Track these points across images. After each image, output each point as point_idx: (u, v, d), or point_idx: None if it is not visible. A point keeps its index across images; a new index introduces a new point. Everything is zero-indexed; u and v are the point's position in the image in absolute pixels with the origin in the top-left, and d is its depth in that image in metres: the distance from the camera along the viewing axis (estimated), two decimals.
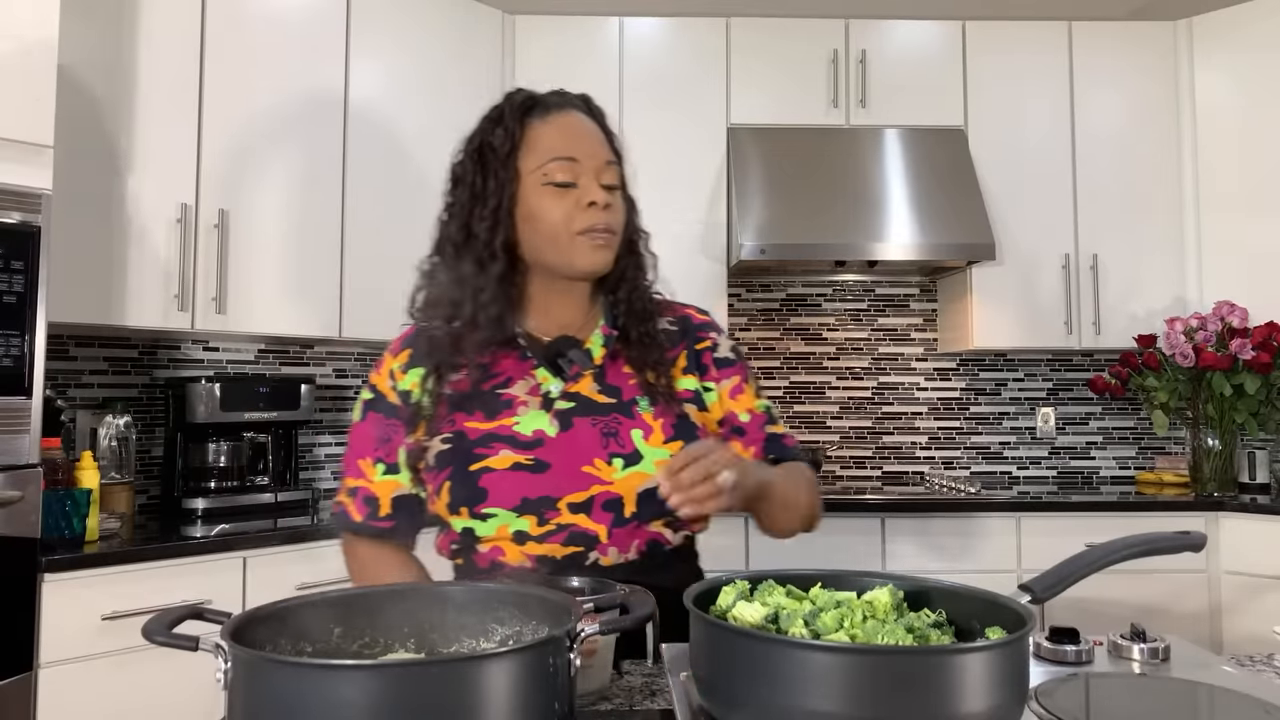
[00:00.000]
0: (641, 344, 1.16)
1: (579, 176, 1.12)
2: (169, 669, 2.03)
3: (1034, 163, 3.31)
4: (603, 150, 1.15)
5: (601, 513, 1.09)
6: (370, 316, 2.86)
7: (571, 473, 1.08)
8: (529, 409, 1.12)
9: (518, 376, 1.14)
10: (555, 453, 1.09)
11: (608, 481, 1.08)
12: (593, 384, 1.14)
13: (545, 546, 1.08)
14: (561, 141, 1.13)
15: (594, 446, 1.10)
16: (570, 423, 1.11)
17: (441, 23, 3.09)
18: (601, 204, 1.11)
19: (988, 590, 0.79)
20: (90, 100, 2.30)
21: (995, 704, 0.65)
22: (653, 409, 1.13)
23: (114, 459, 2.44)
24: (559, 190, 1.11)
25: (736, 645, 0.69)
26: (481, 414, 1.12)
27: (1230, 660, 1.01)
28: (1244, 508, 2.86)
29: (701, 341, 1.22)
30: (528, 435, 1.10)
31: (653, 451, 1.10)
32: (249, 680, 0.64)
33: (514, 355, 1.15)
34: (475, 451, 1.09)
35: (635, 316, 1.17)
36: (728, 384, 1.21)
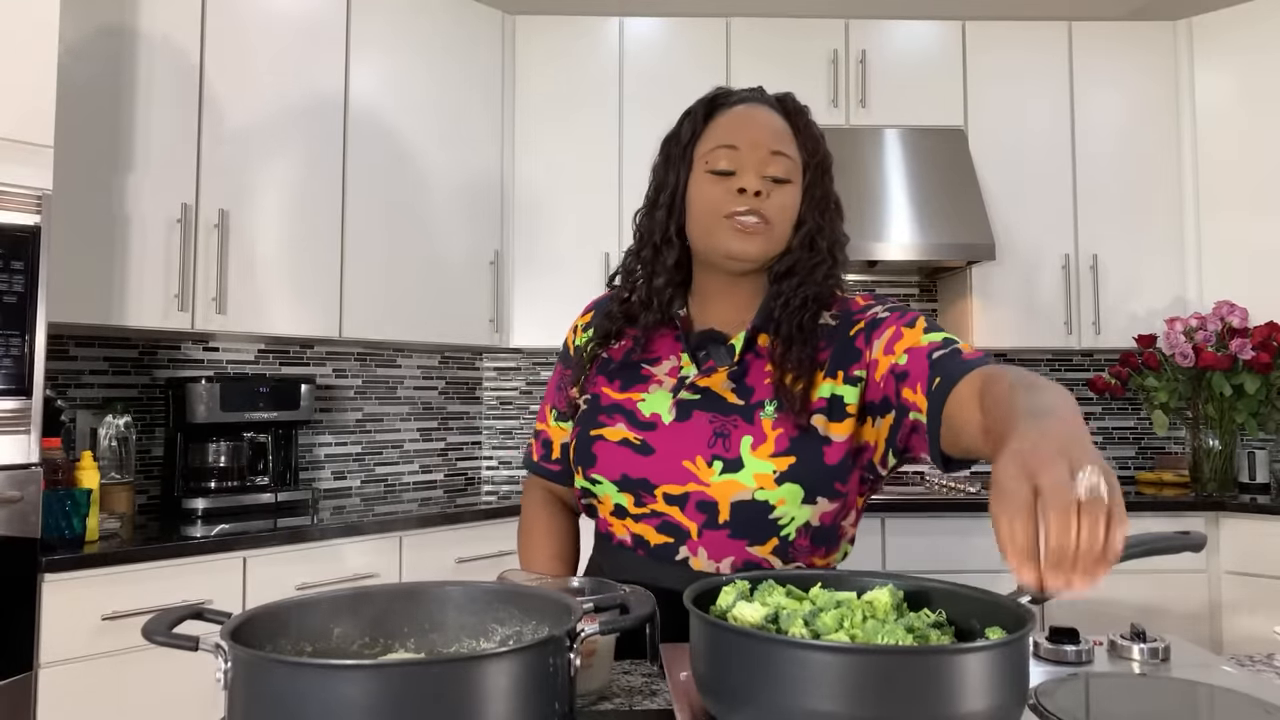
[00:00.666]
0: (788, 341, 1.09)
1: (739, 164, 1.10)
2: (169, 669, 2.03)
3: (1034, 163, 3.31)
4: (771, 140, 1.11)
5: (695, 511, 1.08)
6: (370, 316, 2.87)
7: (672, 464, 1.08)
8: (660, 389, 1.13)
9: (665, 356, 1.16)
10: (663, 439, 1.10)
11: (704, 483, 1.07)
12: (727, 381, 1.11)
13: (641, 526, 1.11)
14: (729, 130, 1.13)
15: (700, 444, 1.08)
16: (689, 414, 1.10)
17: (442, 23, 3.09)
18: (751, 191, 1.08)
19: (987, 590, 0.79)
20: (90, 100, 2.30)
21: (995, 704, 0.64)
22: (776, 415, 1.07)
23: (114, 459, 2.44)
24: (718, 177, 1.11)
25: (736, 645, 0.69)
26: (620, 383, 1.16)
27: (1230, 660, 1.01)
28: (1244, 508, 2.86)
29: (856, 325, 1.11)
30: (645, 416, 1.12)
31: (755, 463, 1.05)
32: (249, 680, 0.64)
33: (671, 336, 1.17)
34: (599, 418, 1.14)
35: (791, 312, 1.10)
36: (880, 343, 1.06)
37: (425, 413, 3.42)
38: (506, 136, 3.27)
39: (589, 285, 3.18)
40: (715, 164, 1.11)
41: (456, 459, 3.52)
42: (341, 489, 3.17)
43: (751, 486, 1.05)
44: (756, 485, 1.05)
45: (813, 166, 1.13)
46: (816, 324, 1.11)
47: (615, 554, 1.15)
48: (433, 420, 3.44)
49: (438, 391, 3.46)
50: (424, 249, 3.01)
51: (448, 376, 3.49)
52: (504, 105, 3.27)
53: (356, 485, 3.21)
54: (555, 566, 1.26)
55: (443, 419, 3.48)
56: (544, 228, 3.27)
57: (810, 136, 1.15)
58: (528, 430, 3.57)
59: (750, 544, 1.07)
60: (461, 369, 3.53)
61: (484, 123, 3.21)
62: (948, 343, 1.00)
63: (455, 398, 3.51)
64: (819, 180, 1.14)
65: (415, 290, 2.98)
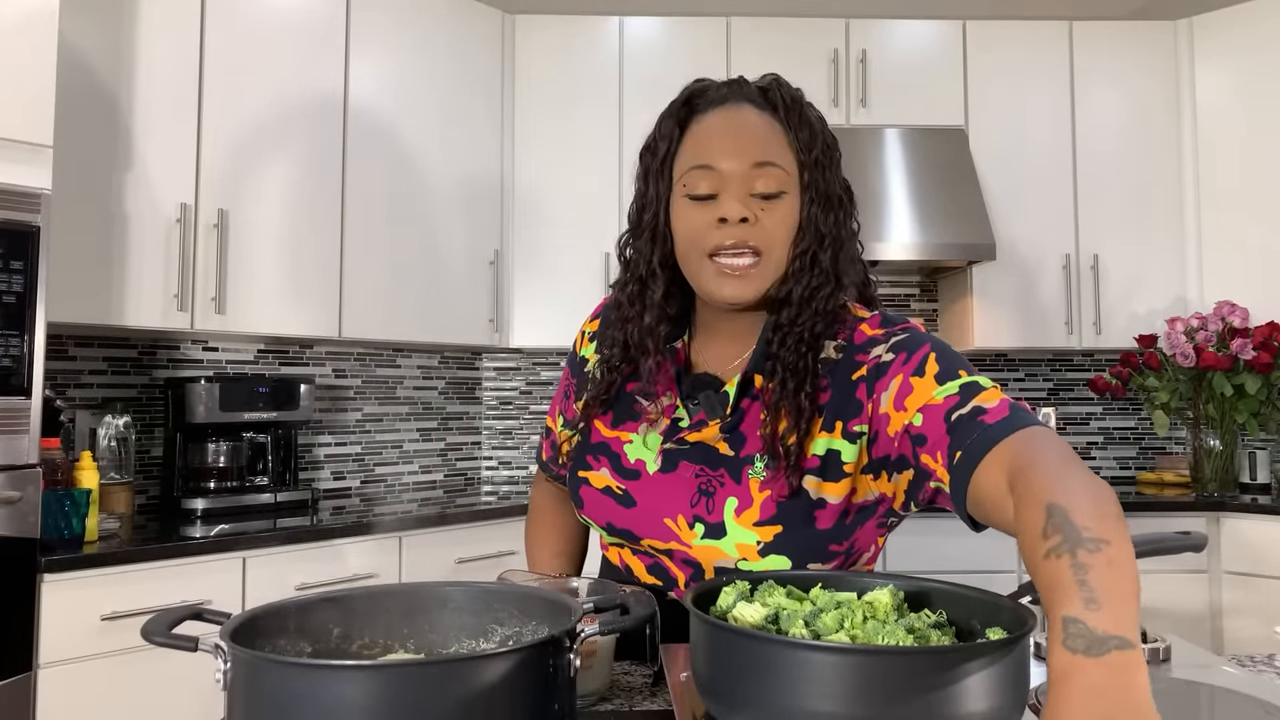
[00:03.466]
0: (783, 386, 0.96)
1: (720, 187, 0.95)
2: (169, 669, 2.03)
3: (1034, 162, 3.31)
4: (754, 151, 0.95)
5: (681, 565, 1.03)
6: (370, 316, 2.87)
7: (654, 520, 1.02)
8: (650, 430, 1.04)
9: (663, 391, 1.04)
10: (645, 492, 1.02)
11: (685, 544, 1.00)
12: (718, 433, 1.00)
13: (634, 560, 1.08)
14: (706, 146, 0.97)
15: (682, 502, 1.00)
16: (674, 465, 1.01)
17: (441, 22, 3.09)
18: (735, 219, 0.93)
19: (988, 590, 0.79)
20: (90, 100, 2.29)
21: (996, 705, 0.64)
22: (765, 474, 0.97)
23: (113, 459, 2.44)
24: (699, 203, 0.96)
25: (736, 645, 0.69)
26: (612, 416, 1.08)
27: (1230, 660, 1.01)
28: (1245, 508, 2.85)
29: (857, 369, 0.98)
30: (630, 462, 1.04)
31: (738, 531, 0.96)
32: (249, 680, 0.64)
33: (669, 368, 1.04)
34: (587, 458, 1.09)
35: (788, 350, 0.96)
36: (888, 396, 0.93)
37: (425, 413, 3.42)
38: (506, 136, 3.27)
39: (589, 285, 3.18)
40: (694, 188, 0.96)
41: (456, 459, 3.52)
42: (341, 489, 3.16)
43: (734, 557, 0.96)
44: (739, 555, 0.96)
45: (809, 164, 0.97)
46: (817, 363, 0.98)
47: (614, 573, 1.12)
48: (432, 420, 3.44)
49: (437, 391, 3.46)
50: (424, 249, 3.01)
51: (447, 376, 3.49)
52: (504, 105, 3.27)
53: (356, 485, 3.21)
54: (560, 563, 1.25)
55: (442, 419, 3.47)
56: (544, 228, 3.27)
57: (805, 129, 0.98)
58: (528, 430, 3.57)
59: None
60: (461, 369, 3.53)
61: (484, 122, 3.21)
62: (964, 393, 0.87)
63: (455, 398, 3.51)
64: (820, 178, 0.98)
65: (415, 290, 2.98)
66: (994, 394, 0.86)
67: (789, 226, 0.97)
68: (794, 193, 0.97)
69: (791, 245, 0.97)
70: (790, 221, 0.97)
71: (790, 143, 0.98)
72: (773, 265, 0.96)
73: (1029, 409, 0.85)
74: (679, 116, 1.01)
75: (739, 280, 0.95)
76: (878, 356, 0.97)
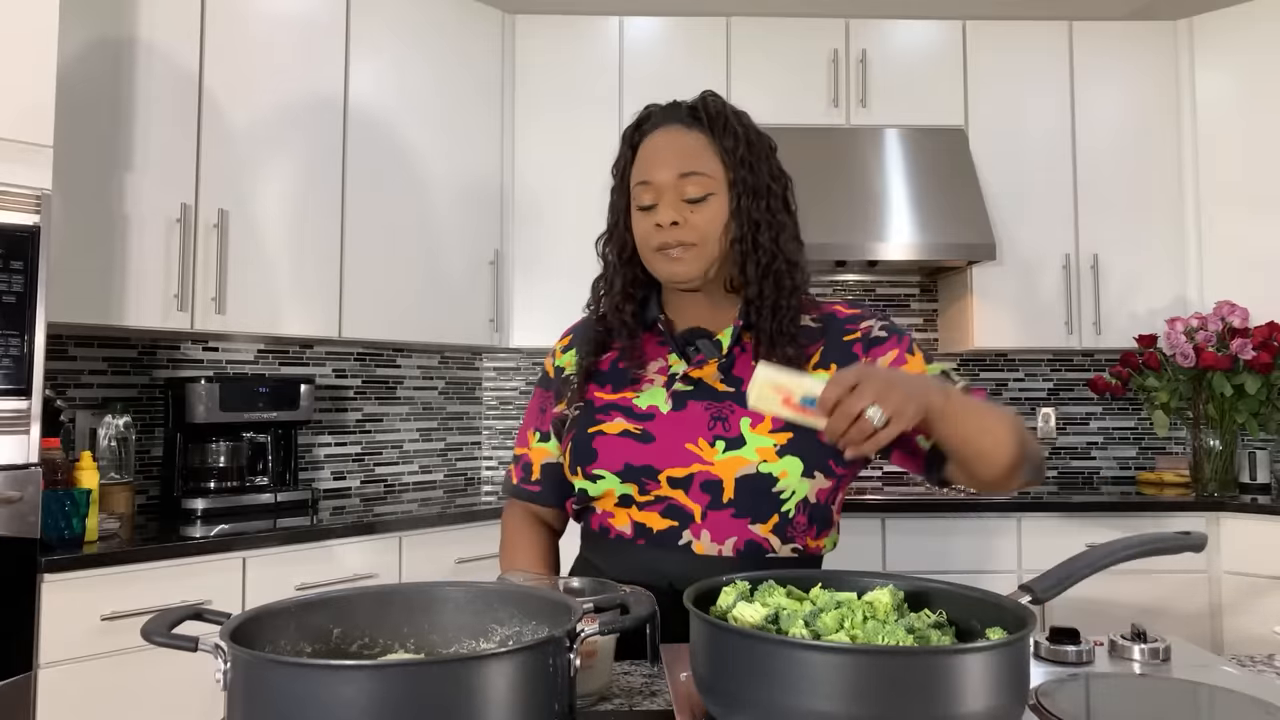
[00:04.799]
0: (772, 339, 1.15)
1: (656, 197, 1.17)
2: (169, 669, 2.03)
3: (1034, 163, 3.31)
4: (680, 162, 1.17)
5: (699, 492, 1.12)
6: (370, 316, 2.87)
7: (674, 448, 1.13)
8: (652, 386, 1.19)
9: (652, 358, 1.22)
10: (663, 427, 1.14)
11: (708, 462, 1.11)
12: (717, 373, 1.18)
13: (645, 514, 1.15)
14: (644, 165, 1.20)
15: (700, 427, 1.13)
16: (684, 404, 1.16)
17: (441, 22, 3.09)
18: (666, 223, 1.15)
19: (988, 590, 0.79)
20: (90, 100, 2.29)
21: (996, 705, 0.64)
22: None
23: (113, 459, 2.44)
24: (644, 212, 1.19)
25: (736, 645, 0.69)
26: (611, 386, 1.21)
27: (1230, 660, 1.01)
28: (1245, 508, 2.85)
29: (850, 333, 1.19)
30: (642, 408, 1.17)
31: (756, 438, 1.11)
32: (249, 680, 0.64)
33: (655, 339, 1.23)
34: (596, 417, 1.18)
35: (771, 312, 1.16)
36: (884, 360, 1.16)
37: (425, 413, 3.42)
38: (506, 136, 3.27)
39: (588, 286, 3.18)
40: (640, 200, 1.19)
41: (456, 459, 3.52)
42: (341, 489, 3.16)
43: (755, 460, 1.10)
44: (760, 458, 1.10)
45: (735, 164, 1.17)
46: (798, 326, 1.17)
47: (613, 548, 1.17)
48: (432, 420, 3.44)
49: (437, 391, 3.46)
50: (424, 249, 3.01)
51: (447, 376, 3.49)
52: (504, 105, 3.27)
53: (356, 485, 3.21)
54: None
55: (442, 419, 3.48)
56: (544, 228, 3.27)
57: (729, 135, 1.18)
58: None
59: (753, 522, 1.11)
60: (461, 369, 3.53)
61: (484, 122, 3.21)
62: (946, 376, 1.14)
63: (455, 398, 3.51)
64: (747, 173, 1.17)
65: (415, 290, 2.98)
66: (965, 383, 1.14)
67: (719, 221, 1.16)
68: (722, 192, 1.17)
69: (725, 234, 1.16)
70: (719, 217, 1.16)
71: (716, 150, 1.18)
72: (708, 251, 1.16)
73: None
74: (631, 140, 1.24)
75: (679, 263, 1.16)
76: (869, 328, 1.19)
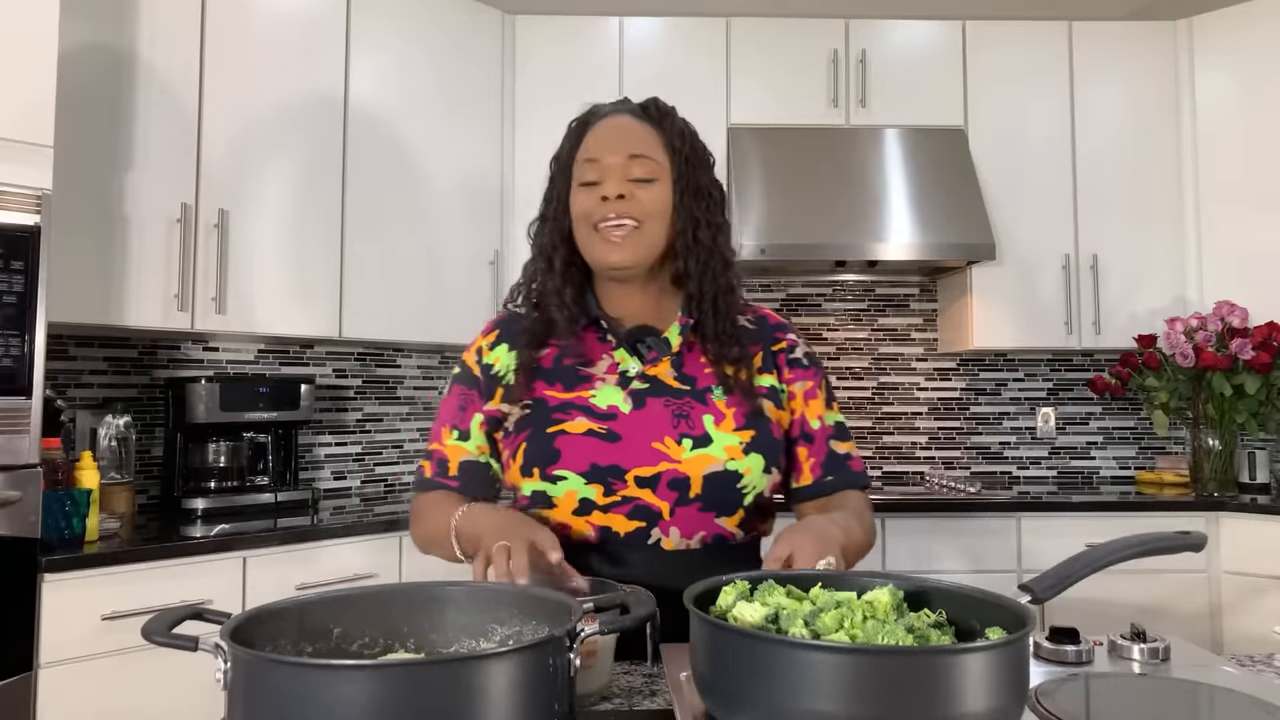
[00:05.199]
0: (719, 338, 1.18)
1: (602, 174, 1.17)
2: (169, 669, 2.03)
3: (1034, 163, 3.31)
4: (630, 143, 1.18)
5: (667, 490, 1.12)
6: (370, 316, 2.87)
7: (642, 447, 1.13)
8: (606, 384, 1.17)
9: (597, 357, 1.20)
10: (627, 426, 1.14)
11: (675, 460, 1.12)
12: (670, 369, 1.19)
13: (609, 517, 1.13)
14: (593, 144, 1.20)
15: (665, 425, 1.14)
16: (644, 402, 1.16)
17: (442, 22, 3.09)
18: (613, 196, 1.15)
19: (988, 590, 0.79)
20: (90, 100, 2.30)
21: (995, 705, 0.64)
22: (726, 398, 1.17)
23: (114, 459, 2.44)
24: (587, 188, 1.18)
25: (736, 645, 0.69)
26: (561, 385, 1.18)
27: (1230, 660, 1.01)
28: (1244, 508, 2.86)
29: (778, 342, 1.25)
30: (602, 408, 1.16)
31: (722, 436, 1.14)
32: (249, 680, 0.64)
33: (594, 337, 1.22)
34: (554, 416, 1.16)
35: (711, 310, 1.19)
36: (800, 387, 1.23)
37: (425, 413, 3.42)
38: (506, 136, 3.27)
39: None
40: (583, 176, 1.18)
41: None
42: (341, 489, 3.17)
43: (723, 458, 1.13)
44: (727, 456, 1.13)
45: (680, 160, 1.18)
46: (737, 326, 1.21)
47: (576, 552, 1.11)
48: (432, 420, 3.44)
49: (438, 391, 3.46)
50: (424, 249, 3.01)
51: (448, 376, 3.48)
52: (504, 105, 3.27)
53: (356, 485, 3.21)
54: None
55: None
56: None
57: (674, 134, 1.20)
58: None
59: (719, 515, 1.14)
60: None
61: (484, 122, 3.21)
62: (838, 430, 1.25)
63: None
64: (690, 173, 1.19)
65: (415, 290, 2.98)
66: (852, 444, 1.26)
67: (663, 205, 1.17)
68: (666, 181, 1.18)
69: (669, 225, 1.18)
70: (663, 201, 1.17)
71: (664, 143, 1.20)
72: (649, 236, 1.17)
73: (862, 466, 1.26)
74: (578, 131, 1.24)
75: (619, 246, 1.15)
76: (794, 343, 1.26)
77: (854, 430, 3.56)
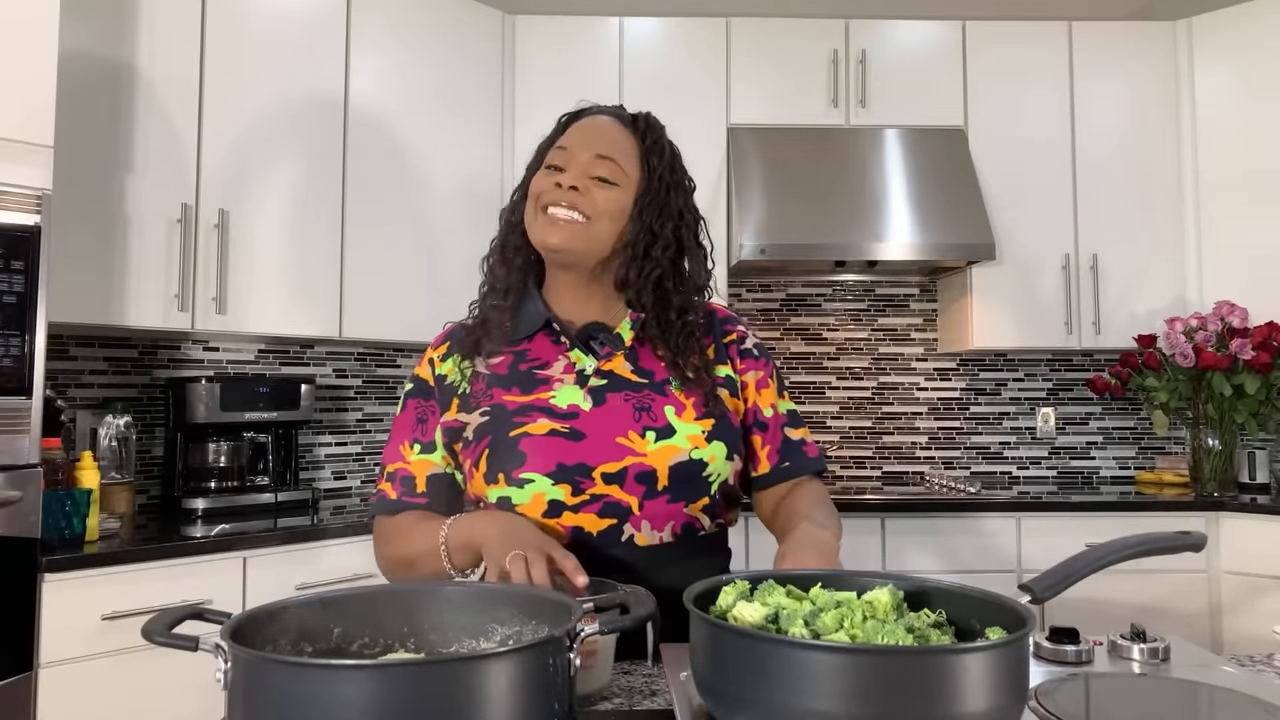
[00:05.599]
0: (669, 331, 1.19)
1: (567, 162, 1.18)
2: (169, 669, 2.03)
3: (1034, 163, 3.31)
4: (601, 145, 1.18)
5: (634, 484, 1.12)
6: (370, 316, 2.87)
7: (606, 443, 1.12)
8: (564, 385, 1.17)
9: (552, 359, 1.20)
10: (590, 424, 1.13)
11: (641, 453, 1.12)
12: (625, 363, 1.19)
13: (580, 517, 1.11)
14: (569, 136, 1.21)
15: (627, 419, 1.14)
16: (603, 398, 1.16)
17: (441, 23, 3.09)
18: (567, 185, 1.15)
19: (988, 590, 0.79)
20: (90, 100, 2.30)
21: (995, 704, 0.64)
22: (684, 389, 1.18)
23: (114, 459, 2.44)
24: (549, 172, 1.19)
25: (736, 645, 0.69)
26: (519, 389, 1.17)
27: (1230, 660, 1.01)
28: (1244, 508, 2.86)
29: (728, 334, 1.27)
30: (563, 408, 1.15)
31: (685, 426, 1.15)
32: (249, 680, 0.64)
33: (547, 339, 1.21)
34: (514, 419, 1.14)
35: (658, 306, 1.20)
36: (752, 376, 1.25)
37: None
38: (506, 136, 3.27)
39: None
40: (549, 160, 1.19)
41: None
42: (341, 489, 3.17)
43: (687, 448, 1.14)
44: (691, 446, 1.14)
45: (651, 176, 1.18)
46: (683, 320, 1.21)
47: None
48: None
49: None
50: (424, 249, 3.01)
51: None
52: (504, 105, 3.27)
53: (356, 485, 3.21)
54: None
55: None
56: None
57: (656, 150, 1.20)
58: None
59: (687, 504, 1.15)
60: None
61: (484, 123, 3.21)
62: (791, 417, 1.26)
63: None
64: (660, 189, 1.18)
65: (415, 290, 2.98)
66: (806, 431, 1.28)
67: (617, 208, 1.17)
68: (629, 189, 1.18)
69: (619, 230, 1.17)
70: (618, 205, 1.17)
71: (638, 154, 1.19)
72: (593, 231, 1.16)
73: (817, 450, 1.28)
74: (564, 123, 1.24)
75: (561, 229, 1.15)
76: (743, 334, 1.28)
77: (854, 430, 3.57)
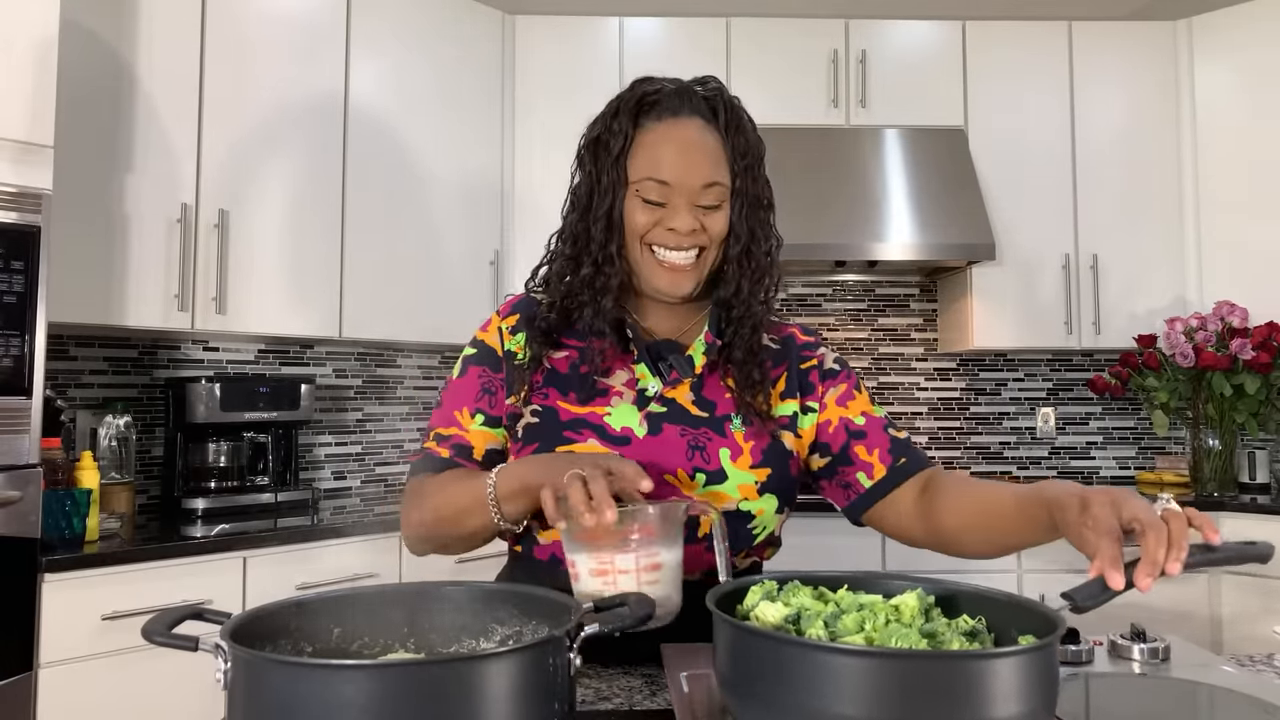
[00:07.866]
0: (744, 361, 1.11)
1: (670, 199, 1.08)
2: (169, 669, 2.03)
3: (1034, 163, 3.31)
4: (704, 169, 1.08)
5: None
6: (370, 316, 2.87)
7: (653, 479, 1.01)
8: (623, 401, 1.10)
9: (617, 367, 1.12)
10: (640, 454, 1.05)
11: (687, 497, 1.05)
12: (689, 393, 1.11)
13: None
14: (661, 159, 1.08)
15: (679, 457, 1.07)
16: (660, 428, 1.09)
17: (442, 22, 3.09)
18: (684, 231, 1.07)
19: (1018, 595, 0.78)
20: (90, 100, 2.29)
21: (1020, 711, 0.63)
22: (745, 429, 1.10)
23: (114, 459, 2.44)
24: (649, 206, 1.09)
25: (753, 645, 0.69)
26: (575, 396, 1.10)
27: (1230, 660, 1.01)
28: (1244, 508, 2.85)
29: (806, 360, 1.18)
30: (616, 430, 1.08)
31: (738, 474, 1.07)
32: (249, 680, 0.64)
33: (616, 344, 1.12)
34: (565, 434, 1.08)
35: (741, 330, 1.12)
36: (834, 393, 1.16)
37: (425, 413, 3.42)
38: (506, 136, 3.27)
39: None
40: (646, 194, 1.08)
41: None
42: (341, 489, 3.16)
43: (737, 498, 1.07)
44: (741, 496, 1.07)
45: (740, 172, 1.11)
46: (762, 345, 1.13)
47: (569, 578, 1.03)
48: None
49: (437, 391, 3.46)
50: (424, 249, 3.01)
51: (447, 377, 3.48)
52: (504, 105, 3.27)
53: (356, 485, 3.21)
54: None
55: None
56: (544, 228, 3.23)
57: (740, 136, 1.12)
58: None
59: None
60: None
61: (484, 123, 3.21)
62: (889, 421, 1.17)
63: None
64: (749, 183, 1.11)
65: (415, 290, 2.98)
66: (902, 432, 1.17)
67: (724, 227, 1.11)
68: (728, 200, 1.11)
69: (724, 246, 1.11)
70: (725, 224, 1.11)
71: (727, 155, 1.11)
72: (708, 262, 1.11)
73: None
74: (634, 116, 1.11)
75: (678, 276, 1.09)
76: (823, 357, 1.19)
77: None
